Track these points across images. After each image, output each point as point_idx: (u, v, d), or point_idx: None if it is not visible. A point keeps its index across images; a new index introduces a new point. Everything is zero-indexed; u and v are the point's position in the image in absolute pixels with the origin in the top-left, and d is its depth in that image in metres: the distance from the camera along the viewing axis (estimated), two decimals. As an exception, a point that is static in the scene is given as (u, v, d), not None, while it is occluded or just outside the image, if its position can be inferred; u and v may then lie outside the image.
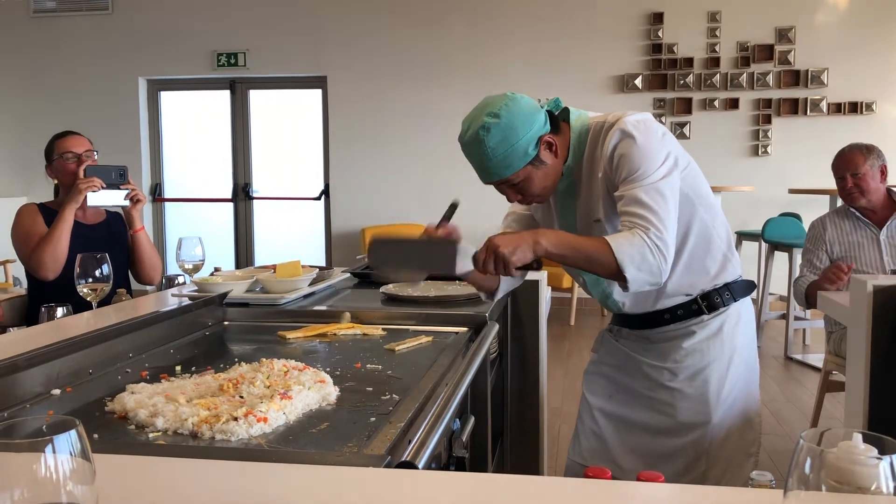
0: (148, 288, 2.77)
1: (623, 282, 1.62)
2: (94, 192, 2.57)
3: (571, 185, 1.84)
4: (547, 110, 1.79)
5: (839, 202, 3.60)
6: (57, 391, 1.34)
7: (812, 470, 0.62)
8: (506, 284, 1.96)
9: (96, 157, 2.73)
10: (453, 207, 1.92)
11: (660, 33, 6.84)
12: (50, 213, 2.65)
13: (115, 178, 2.64)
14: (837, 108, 6.69)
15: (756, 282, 6.09)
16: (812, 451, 0.62)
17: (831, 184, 3.51)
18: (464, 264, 1.65)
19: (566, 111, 1.85)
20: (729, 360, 1.90)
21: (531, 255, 1.61)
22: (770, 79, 6.73)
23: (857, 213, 3.28)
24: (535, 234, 1.63)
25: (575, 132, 1.82)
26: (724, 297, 1.87)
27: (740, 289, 1.90)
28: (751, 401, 1.96)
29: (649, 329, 1.93)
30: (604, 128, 1.77)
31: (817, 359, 4.74)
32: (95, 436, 1.11)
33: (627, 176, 1.67)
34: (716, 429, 1.90)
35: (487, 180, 1.78)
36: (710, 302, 1.87)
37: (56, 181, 2.75)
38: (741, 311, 1.92)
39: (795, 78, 6.72)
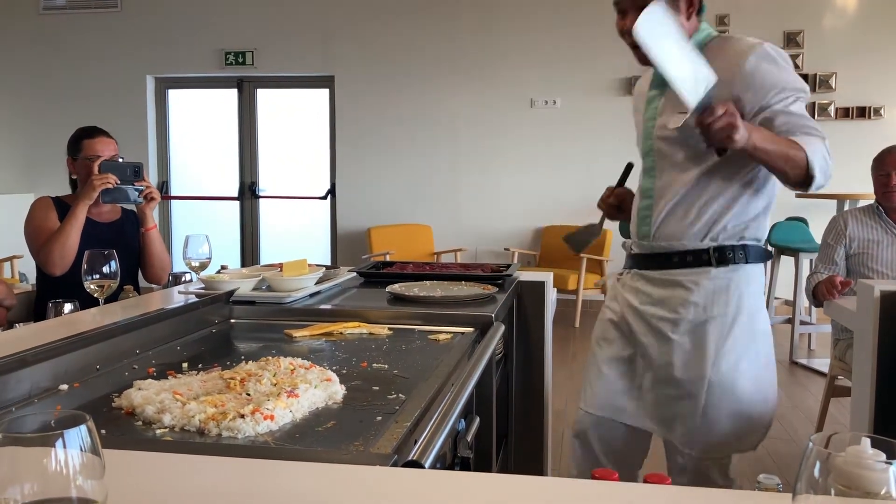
0: (154, 286, 2.77)
1: (806, 185, 1.74)
2: (108, 188, 2.56)
3: (658, 85, 1.93)
4: None
5: (847, 205, 3.58)
6: (64, 386, 1.34)
7: (821, 474, 0.61)
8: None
9: (121, 159, 2.73)
10: (629, 169, 2.06)
11: (668, 36, 6.83)
12: (65, 207, 2.64)
13: (130, 174, 2.63)
14: (845, 113, 6.67)
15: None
16: (821, 454, 0.62)
17: (839, 188, 3.51)
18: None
19: (703, 6, 1.91)
20: (733, 319, 1.89)
21: (743, 143, 1.67)
22: (778, 82, 6.71)
23: (883, 213, 3.28)
24: (748, 127, 1.68)
25: (701, 32, 1.89)
26: (738, 255, 1.89)
27: (756, 253, 1.92)
28: (762, 369, 1.93)
29: (655, 270, 1.96)
30: (731, 43, 1.85)
31: (822, 363, 4.73)
32: (103, 431, 1.11)
33: (783, 91, 1.77)
34: (715, 387, 1.88)
35: None
36: (722, 255, 1.88)
37: (76, 176, 2.75)
38: (751, 275, 1.92)
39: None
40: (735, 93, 1.78)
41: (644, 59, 1.81)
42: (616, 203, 2.19)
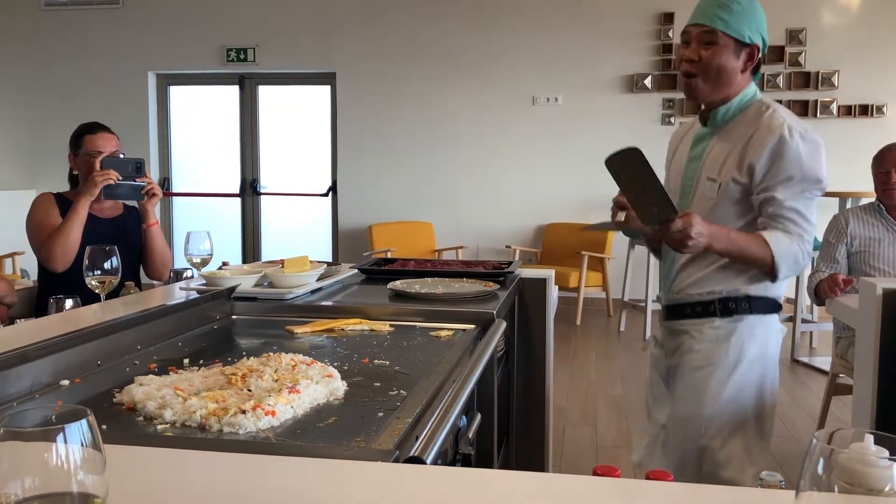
0: (156, 283, 2.77)
1: (772, 276, 1.87)
2: (110, 184, 2.56)
3: (708, 138, 2.00)
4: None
5: (849, 203, 3.58)
6: (66, 382, 1.34)
7: (824, 471, 0.61)
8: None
9: (122, 156, 2.73)
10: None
11: (670, 33, 6.82)
12: (66, 203, 2.64)
13: (132, 170, 2.63)
14: (848, 111, 6.67)
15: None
16: (825, 451, 0.61)
17: (841, 186, 3.50)
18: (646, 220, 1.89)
19: (759, 68, 2.00)
20: (733, 367, 1.94)
21: (697, 251, 1.82)
22: (780, 80, 6.71)
23: (884, 211, 3.28)
24: (713, 234, 1.80)
25: (746, 94, 1.95)
26: (742, 306, 1.94)
27: (762, 305, 1.96)
28: (745, 421, 1.96)
29: (671, 321, 2.07)
30: (767, 112, 1.90)
31: (824, 362, 4.73)
32: (104, 427, 1.11)
33: (790, 182, 1.84)
34: (713, 434, 1.93)
35: (704, 20, 1.89)
36: (726, 307, 1.95)
37: (77, 172, 2.75)
38: (756, 327, 1.95)
39: (806, 80, 6.70)
40: (750, 161, 1.87)
41: (690, 95, 1.96)
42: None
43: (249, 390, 1.24)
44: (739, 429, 1.93)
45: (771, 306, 1.98)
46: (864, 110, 6.65)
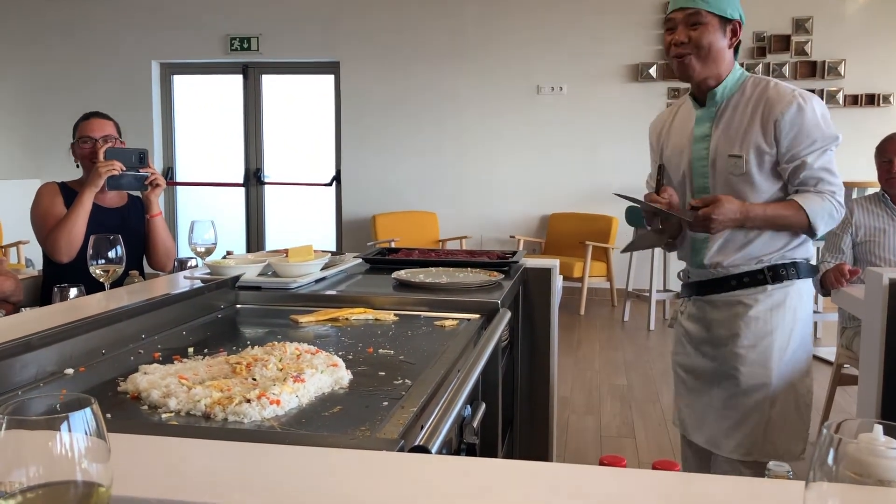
0: (159, 274, 2.77)
1: (811, 234, 2.02)
2: (113, 175, 2.56)
3: (711, 117, 2.07)
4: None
5: (855, 193, 3.56)
6: (70, 371, 1.34)
7: (834, 462, 0.61)
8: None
9: (122, 141, 2.72)
10: (662, 170, 2.18)
11: (675, 22, 6.78)
12: (71, 193, 2.64)
13: (135, 161, 2.62)
14: (854, 100, 6.63)
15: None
16: (835, 441, 0.61)
17: (847, 176, 3.48)
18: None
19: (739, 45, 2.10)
20: (790, 330, 2.06)
21: (722, 230, 2.01)
22: (786, 70, 6.67)
23: (889, 200, 3.27)
24: (744, 210, 1.98)
25: (736, 72, 2.07)
26: (790, 272, 2.07)
27: (805, 269, 2.10)
28: (805, 376, 2.10)
29: (715, 294, 2.12)
30: (769, 85, 2.02)
31: (829, 352, 4.71)
32: (108, 415, 1.11)
33: (814, 143, 1.97)
34: (779, 395, 2.04)
35: (687, 3, 2.00)
36: (776, 273, 2.06)
37: (77, 161, 2.75)
38: (803, 290, 2.10)
39: (812, 69, 6.66)
40: (775, 133, 1.98)
41: (684, 75, 2.04)
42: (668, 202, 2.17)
43: (254, 379, 1.23)
44: (794, 390, 2.06)
45: (811, 269, 2.13)
46: (871, 100, 6.62)
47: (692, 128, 2.12)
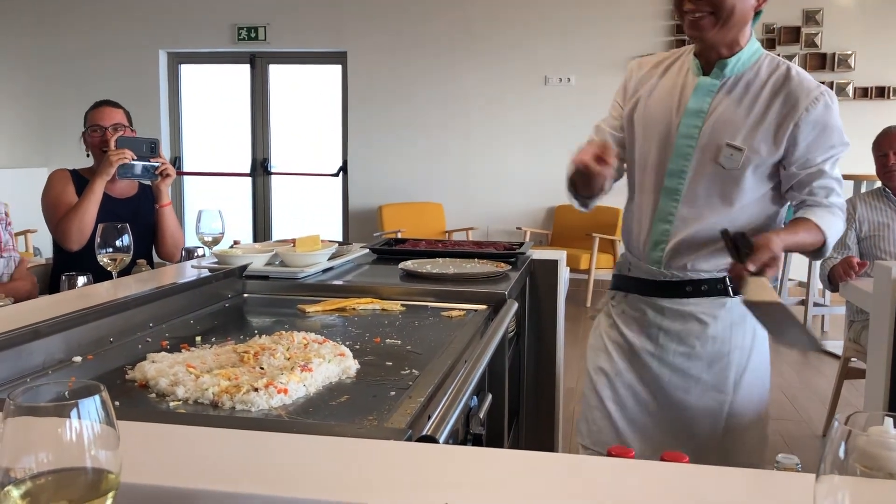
0: (167, 263, 2.77)
1: (819, 257, 1.75)
2: (124, 164, 2.56)
3: (712, 91, 1.75)
4: None
5: (864, 186, 3.55)
6: (78, 359, 1.35)
7: (846, 454, 0.60)
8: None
9: (133, 130, 2.72)
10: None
11: (684, 13, 6.74)
12: (82, 180, 2.65)
13: (146, 150, 2.62)
14: (864, 93, 6.59)
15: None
16: (846, 434, 0.60)
17: (855, 169, 3.47)
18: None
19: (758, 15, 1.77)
20: (750, 349, 1.83)
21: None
22: (796, 61, 6.63)
23: (891, 194, 3.26)
24: (778, 246, 1.59)
25: (753, 44, 1.76)
26: None
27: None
28: (763, 398, 1.88)
29: (665, 298, 1.82)
30: (791, 73, 1.73)
31: (836, 346, 4.70)
32: (117, 403, 1.11)
33: (830, 152, 1.71)
34: (735, 416, 1.83)
35: None
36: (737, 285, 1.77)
37: (88, 150, 2.75)
38: None
39: (822, 61, 6.62)
40: (793, 133, 1.70)
41: (697, 31, 1.69)
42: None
43: (262, 368, 1.24)
44: (757, 416, 1.85)
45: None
46: (881, 92, 6.57)
47: (687, 96, 1.78)
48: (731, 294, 1.78)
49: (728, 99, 1.74)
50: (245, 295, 1.99)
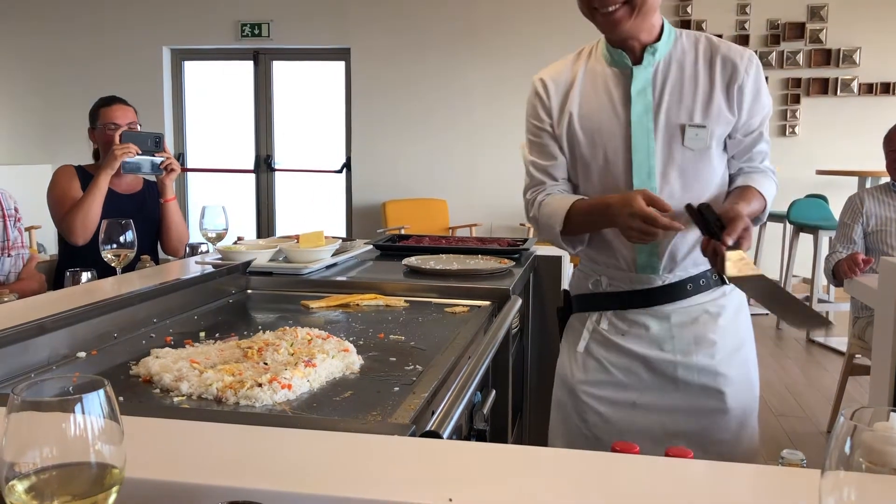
0: (171, 259, 2.78)
1: (756, 222, 1.66)
2: (129, 158, 2.57)
3: (648, 79, 1.67)
4: None
5: (869, 183, 3.54)
6: (82, 354, 1.35)
7: (851, 450, 0.60)
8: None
9: (139, 128, 2.73)
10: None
11: (689, 10, 6.72)
12: (87, 176, 2.65)
13: (151, 145, 2.63)
14: (869, 89, 6.56)
15: (780, 263, 6.02)
16: (852, 429, 0.60)
17: (860, 166, 3.46)
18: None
19: None
20: (750, 339, 1.78)
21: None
22: (800, 58, 6.61)
23: None
24: (747, 216, 1.53)
25: (666, 25, 1.70)
26: None
27: None
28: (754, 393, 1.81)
29: (671, 303, 1.69)
30: (711, 39, 1.69)
31: (840, 342, 4.70)
32: (121, 398, 1.11)
33: (764, 115, 1.69)
34: (756, 407, 1.76)
35: None
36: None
37: (96, 146, 2.76)
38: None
39: (826, 57, 6.60)
40: (739, 97, 1.64)
41: (614, 27, 1.64)
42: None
43: (265, 364, 1.24)
44: (755, 405, 1.78)
45: None
46: (886, 88, 6.54)
47: (621, 92, 1.69)
48: (716, 276, 1.69)
49: (670, 82, 1.66)
50: (249, 291, 1.99)
